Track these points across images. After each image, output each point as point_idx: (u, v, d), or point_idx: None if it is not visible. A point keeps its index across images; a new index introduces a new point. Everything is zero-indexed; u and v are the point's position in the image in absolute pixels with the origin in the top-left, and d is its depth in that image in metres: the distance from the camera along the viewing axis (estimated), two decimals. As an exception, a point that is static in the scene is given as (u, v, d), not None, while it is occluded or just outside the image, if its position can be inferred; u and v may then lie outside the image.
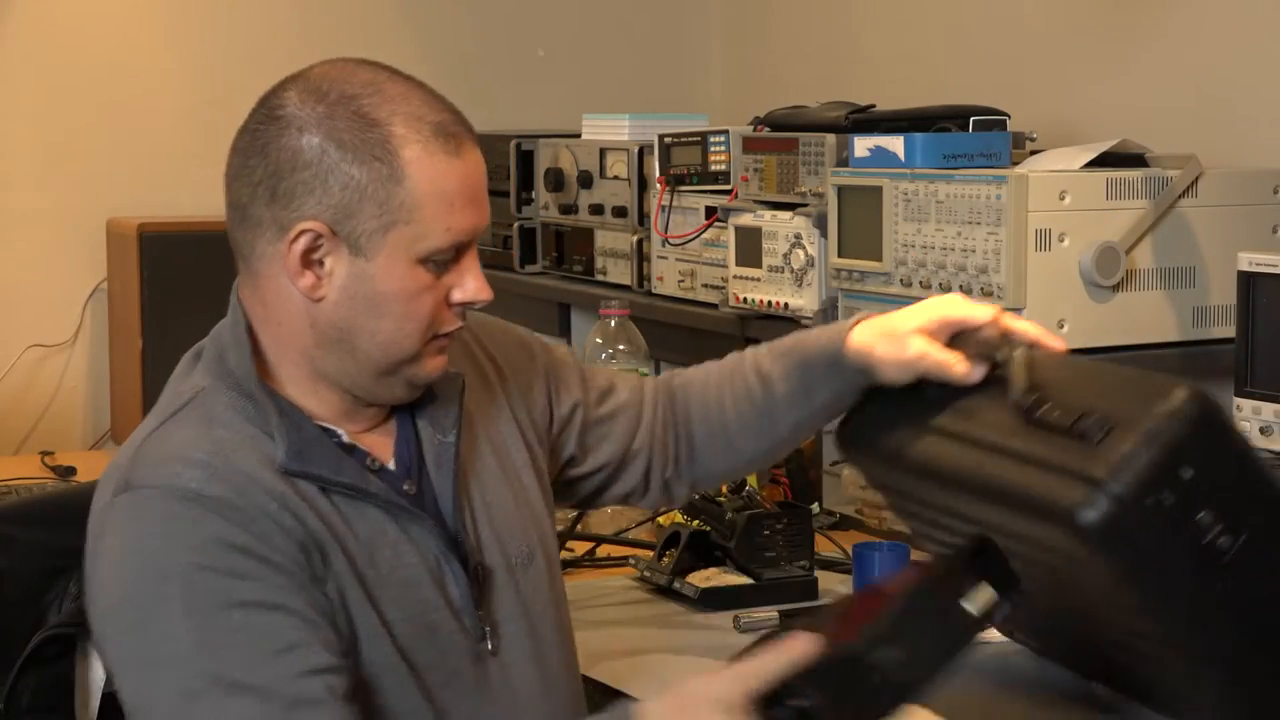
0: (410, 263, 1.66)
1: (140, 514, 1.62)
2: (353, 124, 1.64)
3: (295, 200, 1.64)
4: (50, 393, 3.71)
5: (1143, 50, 2.96)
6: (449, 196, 1.66)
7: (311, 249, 1.65)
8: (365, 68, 1.71)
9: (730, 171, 2.96)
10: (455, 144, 1.68)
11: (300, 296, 1.67)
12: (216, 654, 1.56)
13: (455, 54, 3.99)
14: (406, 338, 1.68)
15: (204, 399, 1.69)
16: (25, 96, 3.65)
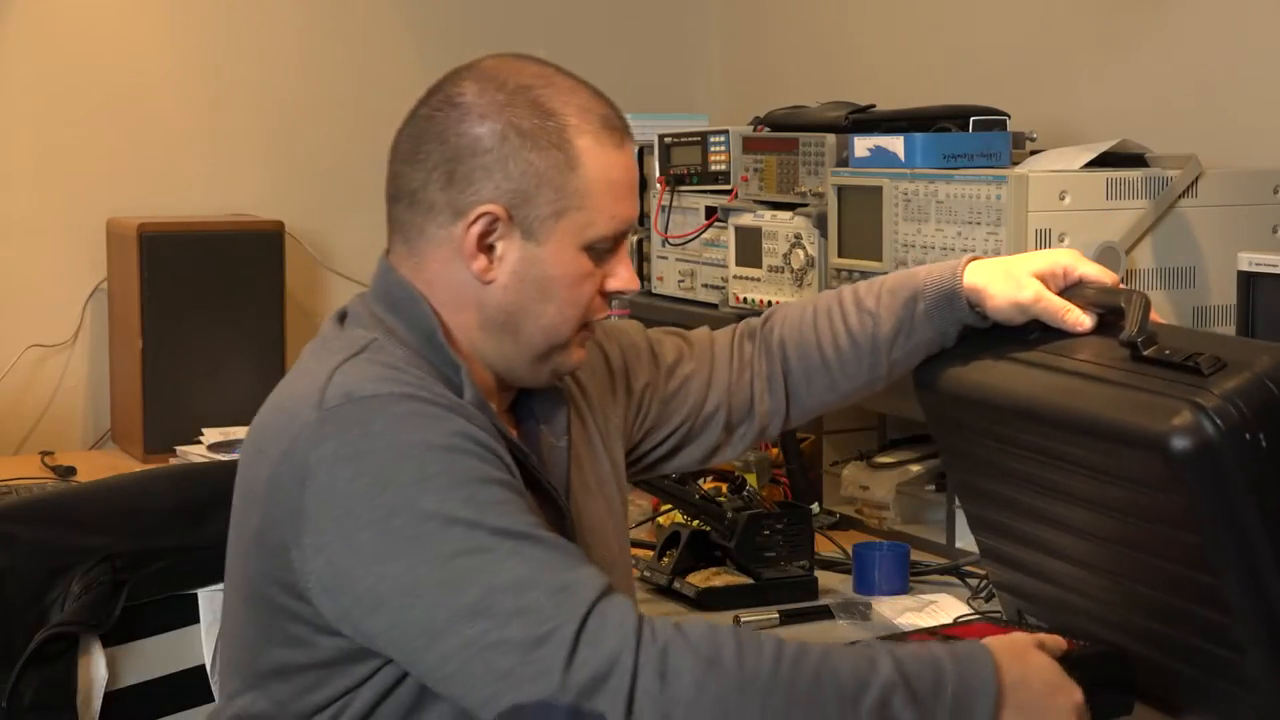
0: (577, 249, 1.72)
1: (375, 413, 1.61)
2: (531, 112, 1.70)
3: (474, 184, 1.70)
4: (50, 393, 3.71)
5: (1142, 50, 2.96)
6: (616, 185, 1.73)
7: (487, 232, 1.70)
8: (533, 62, 1.76)
9: (730, 171, 2.96)
10: (620, 136, 1.75)
11: (470, 279, 1.72)
12: (498, 515, 1.56)
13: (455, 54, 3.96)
14: (566, 322, 1.74)
15: (378, 348, 1.70)
16: (25, 96, 3.65)
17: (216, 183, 3.76)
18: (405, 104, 1.78)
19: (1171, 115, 2.87)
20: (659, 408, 2.00)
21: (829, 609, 2.37)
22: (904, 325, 1.97)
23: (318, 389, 1.64)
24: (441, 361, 1.71)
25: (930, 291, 1.95)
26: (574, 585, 1.53)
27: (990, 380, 1.84)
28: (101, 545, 1.96)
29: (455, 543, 1.54)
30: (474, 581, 1.53)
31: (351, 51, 3.89)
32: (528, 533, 1.56)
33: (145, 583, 1.98)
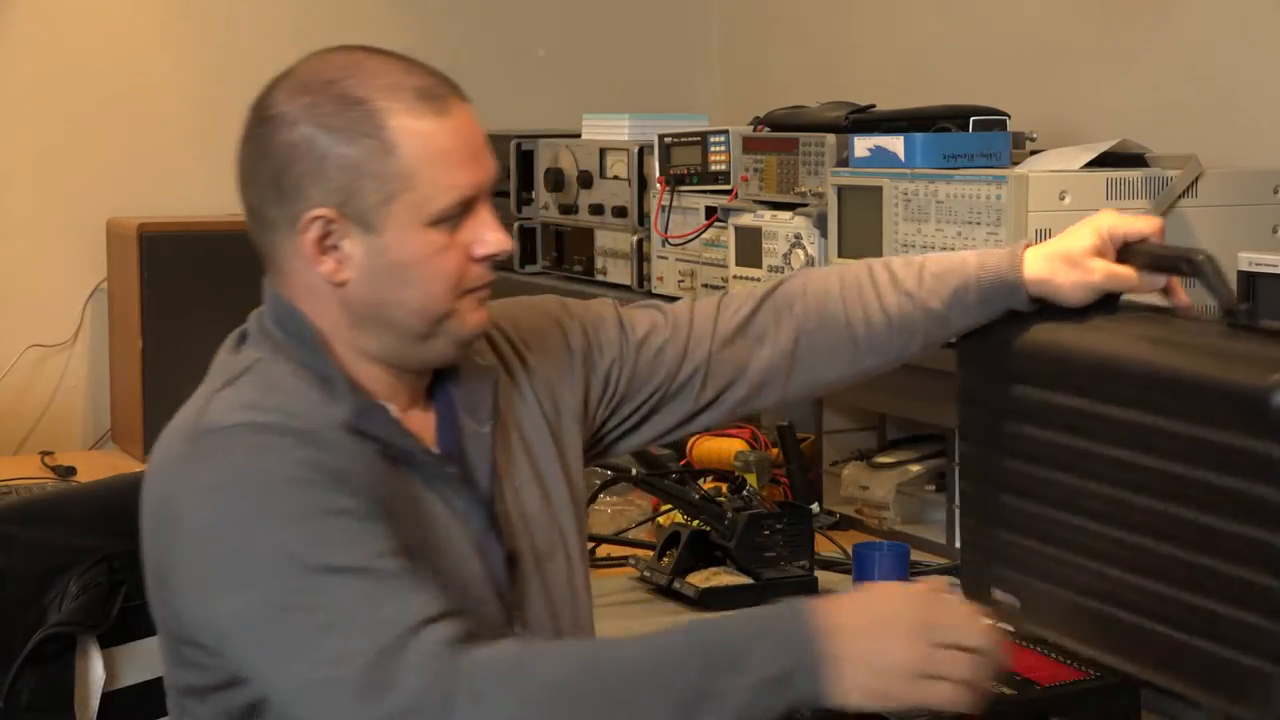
0: (421, 228, 1.69)
1: (226, 447, 1.64)
2: (337, 107, 1.68)
3: (300, 192, 1.68)
4: (50, 393, 3.71)
5: (1143, 50, 2.96)
6: (444, 155, 1.69)
7: (324, 235, 1.69)
8: (343, 52, 1.75)
9: (730, 171, 2.96)
10: (440, 104, 1.70)
11: (325, 285, 1.71)
12: (323, 550, 1.58)
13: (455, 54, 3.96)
14: (436, 300, 1.72)
15: (262, 367, 1.72)
16: (25, 97, 3.65)
17: (216, 183, 3.73)
18: None
19: (1171, 115, 2.87)
20: (627, 381, 1.97)
21: (829, 609, 2.36)
22: (952, 311, 1.94)
23: (191, 419, 1.69)
24: (323, 370, 1.72)
25: (987, 282, 1.92)
26: (391, 620, 1.54)
27: (1070, 340, 1.82)
28: (99, 545, 1.96)
29: (289, 580, 1.57)
30: (301, 621, 1.56)
31: (351, 51, 3.89)
32: (363, 566, 1.57)
33: (134, 586, 1.95)
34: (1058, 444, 1.82)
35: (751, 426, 2.93)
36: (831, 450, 2.86)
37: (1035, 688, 1.76)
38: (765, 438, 2.85)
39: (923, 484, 2.74)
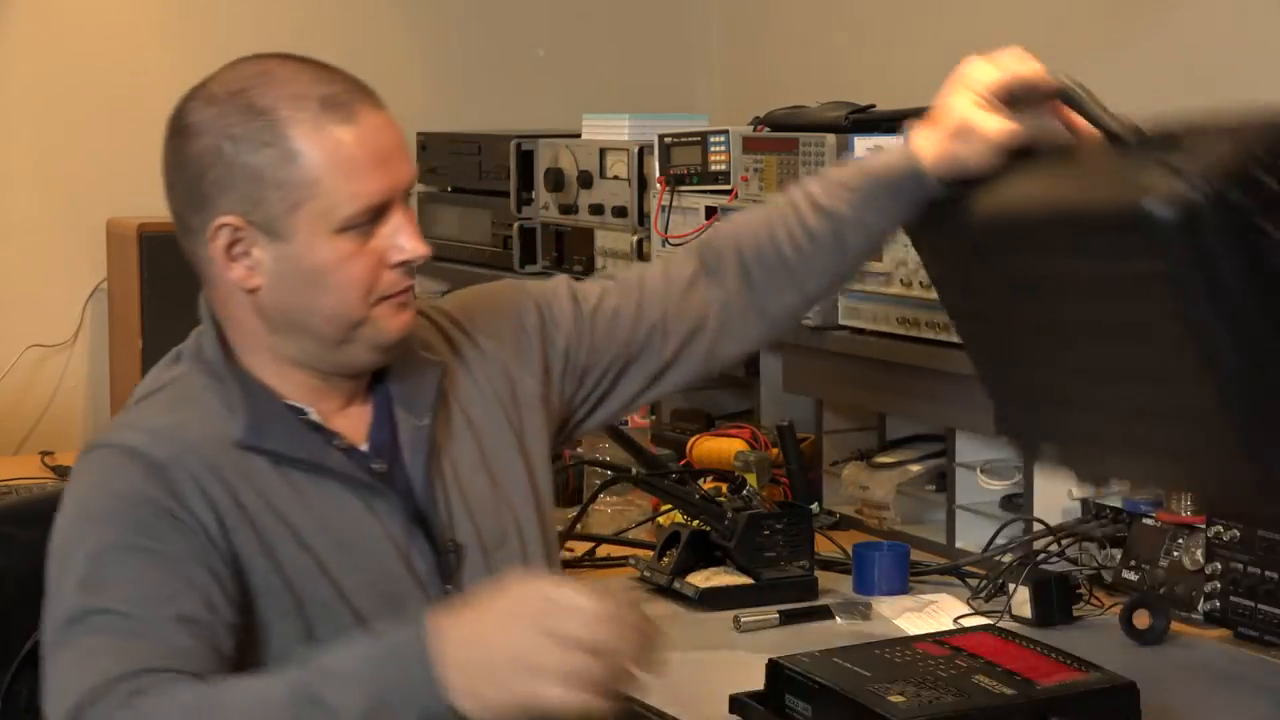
0: (329, 235, 1.70)
1: (84, 468, 1.71)
2: (241, 117, 1.70)
3: (211, 201, 1.72)
4: (50, 393, 3.71)
5: (1142, 50, 2.96)
6: (349, 163, 1.70)
7: (233, 242, 1.71)
8: (255, 60, 1.76)
9: (730, 171, 2.96)
10: (346, 111, 1.71)
11: (238, 291, 1.73)
12: (101, 589, 1.61)
13: (455, 54, 3.98)
14: (349, 306, 1.72)
15: (180, 383, 1.76)
16: (25, 97, 3.65)
17: (216, 183, 3.75)
18: (405, 104, 1.79)
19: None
20: (587, 352, 1.97)
21: (829, 609, 2.36)
22: (868, 214, 1.93)
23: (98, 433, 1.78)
24: (224, 383, 1.75)
25: (892, 182, 1.91)
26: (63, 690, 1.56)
27: (983, 204, 1.82)
28: None
29: (59, 613, 1.62)
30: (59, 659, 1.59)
31: (351, 52, 3.86)
32: (107, 609, 1.59)
33: None
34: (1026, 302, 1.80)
35: (751, 426, 2.93)
36: (831, 450, 2.86)
37: (1035, 687, 1.76)
38: (765, 438, 2.85)
39: (923, 484, 2.74)
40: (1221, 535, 2.19)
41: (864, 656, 1.86)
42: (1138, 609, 2.17)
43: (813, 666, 1.83)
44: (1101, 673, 1.80)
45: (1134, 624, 2.17)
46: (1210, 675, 2.08)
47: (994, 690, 1.75)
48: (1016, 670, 1.79)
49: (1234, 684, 2.05)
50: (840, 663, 1.84)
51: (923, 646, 1.89)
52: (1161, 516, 2.34)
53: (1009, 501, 2.56)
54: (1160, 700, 1.88)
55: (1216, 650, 2.16)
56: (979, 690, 1.75)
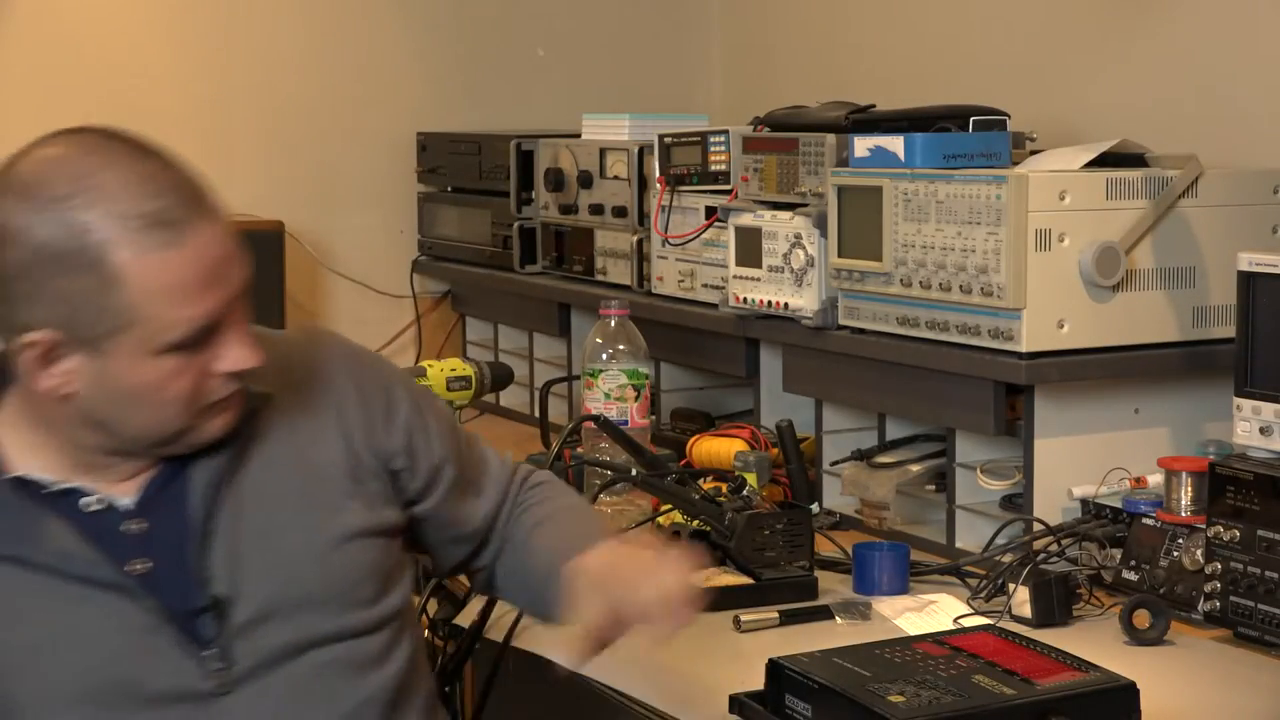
0: (151, 356, 1.62)
1: None
2: (60, 232, 1.57)
3: (21, 310, 1.60)
4: (50, 393, 3.70)
5: (1143, 50, 2.96)
6: (175, 289, 1.60)
7: (48, 353, 1.61)
8: (79, 155, 1.61)
9: (730, 171, 2.96)
10: (175, 232, 1.60)
11: (47, 397, 1.64)
12: None
13: (455, 54, 3.98)
14: (167, 421, 1.66)
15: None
16: (25, 96, 3.65)
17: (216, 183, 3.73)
18: (405, 103, 1.76)
19: (1171, 115, 2.87)
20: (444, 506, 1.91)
21: (829, 609, 2.36)
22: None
23: None
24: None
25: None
26: None
27: None
28: None
29: None
30: None
31: (351, 52, 3.89)
32: None
33: None
34: None
35: (751, 427, 2.93)
36: (831, 450, 2.85)
37: (1035, 687, 1.76)
38: (765, 438, 2.85)
39: (923, 484, 2.74)
40: (1221, 535, 2.19)
41: (864, 656, 1.86)
42: (1138, 609, 2.17)
43: (813, 666, 1.83)
44: (1101, 673, 1.80)
45: (1134, 624, 2.17)
46: (1210, 675, 2.08)
47: (994, 690, 1.75)
48: (1016, 670, 1.79)
49: (1234, 684, 2.05)
50: (840, 663, 1.84)
51: (923, 646, 1.89)
52: (1161, 516, 2.34)
53: (1009, 501, 2.56)
54: (1160, 700, 1.88)
55: (1216, 650, 2.16)
56: (979, 690, 1.75)
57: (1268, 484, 2.14)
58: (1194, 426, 2.53)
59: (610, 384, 2.83)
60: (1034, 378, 2.40)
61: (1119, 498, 2.43)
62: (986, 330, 2.43)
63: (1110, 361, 2.45)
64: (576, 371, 3.19)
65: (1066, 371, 2.42)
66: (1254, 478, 2.15)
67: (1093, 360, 2.44)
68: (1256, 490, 2.15)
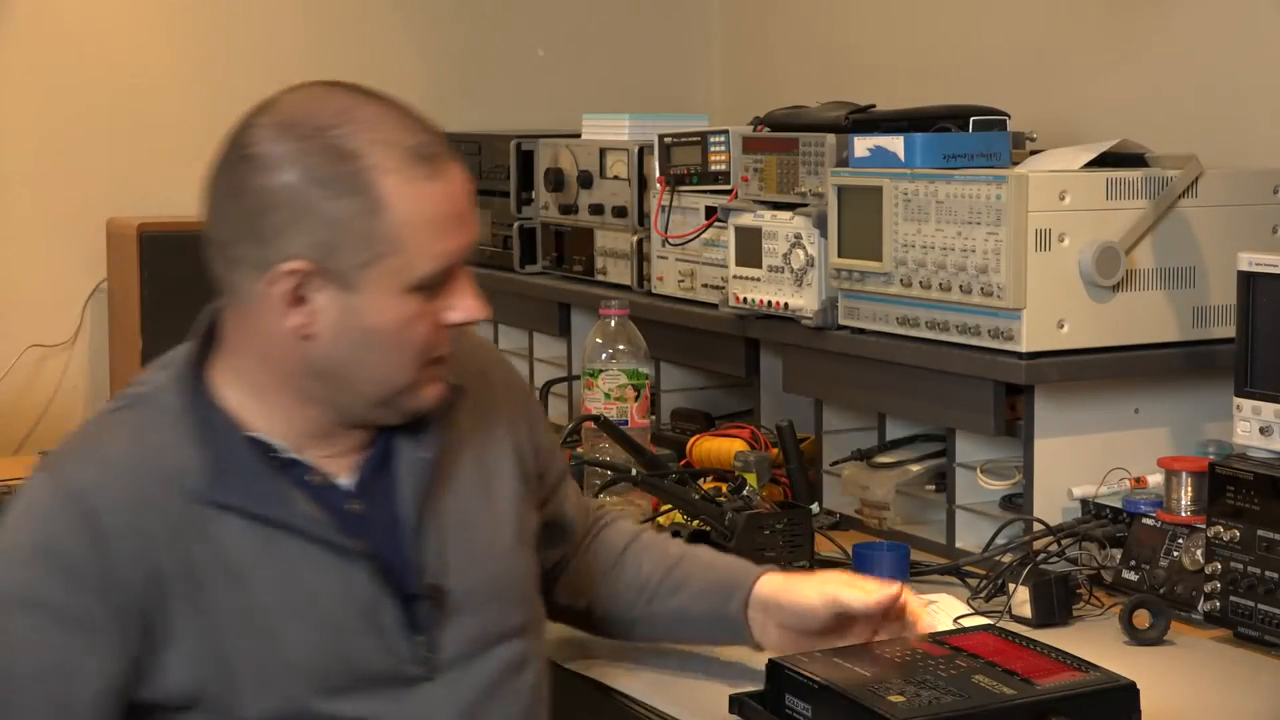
0: (400, 293, 1.63)
1: (28, 497, 1.64)
2: (326, 158, 1.60)
3: (278, 239, 1.61)
4: (50, 393, 3.70)
5: (1143, 50, 2.96)
6: (433, 221, 1.63)
7: (299, 287, 1.62)
8: (336, 93, 1.66)
9: (730, 171, 2.96)
10: (434, 166, 1.64)
11: (289, 335, 1.64)
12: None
13: (455, 54, 3.98)
14: (400, 369, 1.66)
15: (154, 398, 1.67)
16: (25, 96, 3.65)
17: (216, 183, 3.75)
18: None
19: (1171, 115, 2.87)
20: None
21: (829, 609, 2.36)
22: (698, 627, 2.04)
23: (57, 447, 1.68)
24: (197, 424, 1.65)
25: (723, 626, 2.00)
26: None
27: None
28: None
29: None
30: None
31: (351, 51, 3.89)
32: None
33: None
34: None
35: (751, 427, 2.93)
36: (831, 450, 2.85)
37: (1035, 687, 1.76)
38: (765, 438, 2.85)
39: (923, 484, 2.74)
40: (1221, 535, 2.19)
41: (864, 656, 1.86)
42: (1138, 609, 2.17)
43: (813, 666, 1.83)
44: (1101, 673, 1.80)
45: (1134, 624, 2.17)
46: (1210, 675, 2.08)
47: (994, 690, 1.75)
48: (1016, 670, 1.79)
49: (1234, 684, 2.05)
50: (840, 663, 1.84)
51: (923, 646, 1.89)
52: (1161, 516, 2.34)
53: (1009, 501, 2.56)
54: (1160, 700, 1.88)
55: (1216, 650, 2.16)
56: (979, 690, 1.75)
57: (1268, 484, 2.14)
58: (1194, 426, 2.53)
59: (610, 384, 2.83)
60: (1034, 378, 2.40)
61: (1119, 498, 2.43)
62: (986, 330, 2.43)
63: (1110, 361, 2.45)
64: (576, 371, 3.19)
65: (1066, 371, 2.42)
66: (1254, 478, 2.15)
67: (1093, 360, 2.44)
68: (1256, 490, 2.15)
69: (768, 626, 1.98)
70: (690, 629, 2.04)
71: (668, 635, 2.06)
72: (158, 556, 1.61)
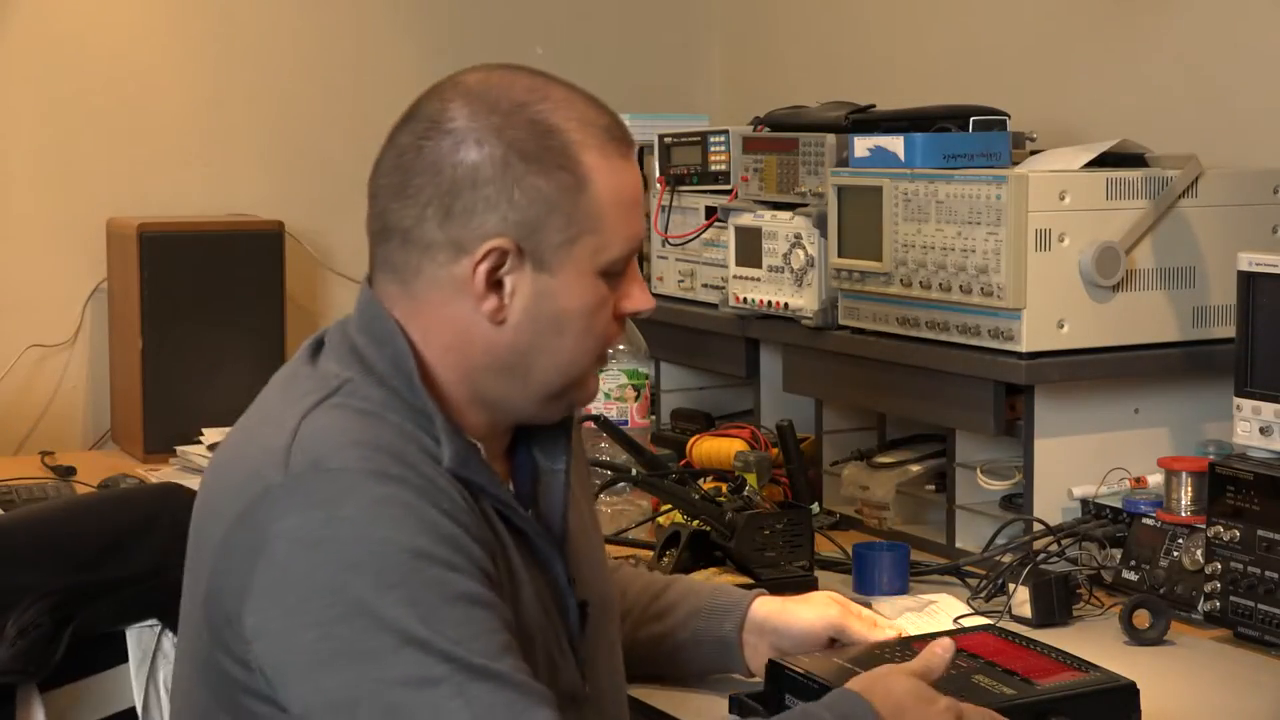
0: (593, 275, 1.60)
1: (345, 494, 1.48)
2: (531, 132, 1.55)
3: (476, 218, 1.55)
4: (50, 393, 3.70)
5: (1142, 50, 2.96)
6: (628, 202, 1.61)
7: (495, 268, 1.56)
8: (522, 74, 1.61)
9: (730, 171, 2.96)
10: (625, 147, 1.61)
11: (478, 320, 1.58)
12: (455, 639, 1.45)
13: (454, 53, 3.98)
14: (585, 354, 1.62)
15: (353, 389, 1.57)
16: (26, 96, 3.65)
17: (216, 183, 3.75)
18: (404, 103, 1.70)
19: (1171, 115, 2.87)
20: None
21: (829, 609, 2.36)
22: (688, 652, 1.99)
23: (284, 444, 1.51)
24: (420, 405, 1.57)
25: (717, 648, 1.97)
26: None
27: None
28: (37, 583, 1.83)
29: (402, 667, 1.43)
30: (412, 717, 1.43)
31: (351, 51, 3.89)
32: (482, 666, 1.44)
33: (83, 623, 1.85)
34: None
35: (751, 427, 2.93)
36: (831, 450, 2.86)
37: (1035, 687, 1.76)
38: (765, 438, 2.85)
39: (923, 484, 2.74)
40: (1221, 535, 2.19)
41: (864, 657, 1.86)
42: (1138, 609, 2.17)
43: (813, 666, 1.83)
44: (1101, 673, 1.80)
45: (1134, 624, 2.17)
46: (1210, 675, 2.08)
47: (994, 690, 1.75)
48: (1016, 670, 1.80)
49: (1234, 684, 2.05)
50: (840, 663, 1.84)
51: (921, 646, 1.89)
52: (1161, 516, 2.34)
53: (1009, 501, 2.56)
54: (1160, 700, 1.88)
55: (1216, 650, 2.16)
56: (978, 690, 1.75)
57: (1268, 484, 2.14)
58: (1194, 426, 2.53)
59: (610, 384, 2.83)
60: (1034, 378, 2.40)
61: (1119, 498, 2.43)
62: (986, 330, 2.43)
63: (1110, 361, 2.45)
64: (576, 371, 3.19)
65: (1066, 371, 2.42)
66: (1254, 478, 2.16)
67: (1093, 360, 2.44)
68: (1256, 490, 2.15)
69: (760, 649, 1.94)
70: (680, 654, 1.98)
71: (654, 661, 1.99)
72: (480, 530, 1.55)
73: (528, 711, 1.45)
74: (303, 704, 1.47)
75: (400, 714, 1.43)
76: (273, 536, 1.47)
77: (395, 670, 1.43)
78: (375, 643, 1.44)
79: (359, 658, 1.44)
